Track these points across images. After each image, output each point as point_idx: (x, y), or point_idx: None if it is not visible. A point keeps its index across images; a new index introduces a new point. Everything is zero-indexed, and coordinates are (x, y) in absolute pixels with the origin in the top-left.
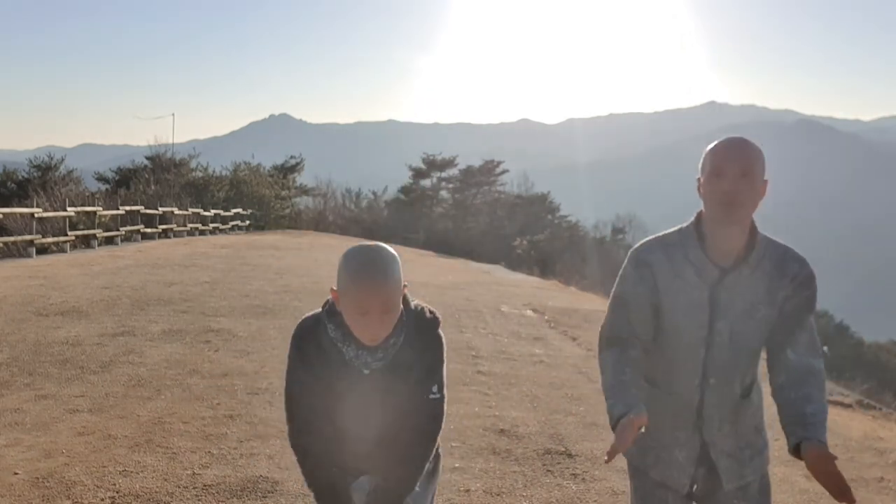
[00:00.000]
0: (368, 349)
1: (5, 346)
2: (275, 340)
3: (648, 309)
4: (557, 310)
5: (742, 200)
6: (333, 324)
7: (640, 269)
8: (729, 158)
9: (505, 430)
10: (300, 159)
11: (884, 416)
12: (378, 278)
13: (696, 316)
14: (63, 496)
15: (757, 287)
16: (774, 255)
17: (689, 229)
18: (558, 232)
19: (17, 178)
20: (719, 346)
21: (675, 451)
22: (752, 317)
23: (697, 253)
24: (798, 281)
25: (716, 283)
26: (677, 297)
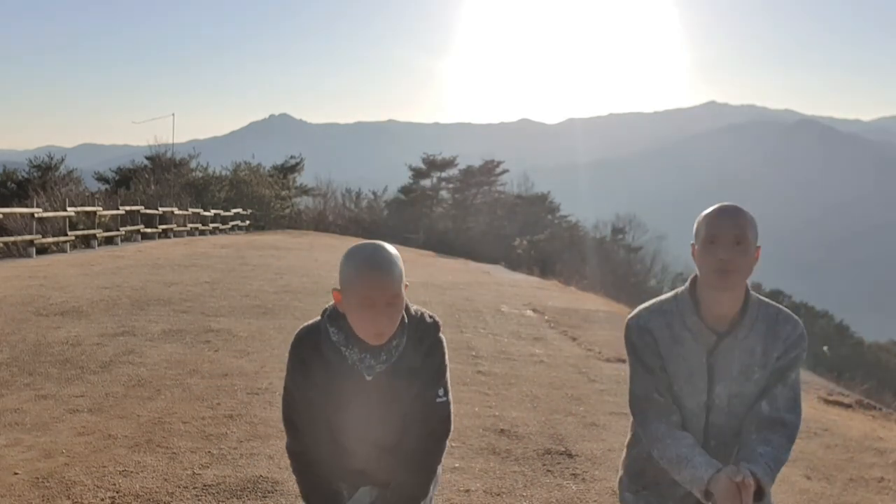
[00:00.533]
0: (372, 351)
1: (5, 346)
2: (275, 340)
3: (663, 372)
4: (557, 310)
5: (736, 268)
6: (336, 327)
7: (644, 337)
8: (723, 227)
9: (505, 430)
10: (300, 159)
11: (884, 416)
12: (383, 269)
13: (696, 382)
14: (63, 496)
15: (752, 349)
16: (767, 317)
17: (685, 295)
18: (558, 232)
19: (17, 178)
20: (718, 410)
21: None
22: (748, 379)
23: (694, 319)
24: (790, 342)
25: (713, 348)
26: (678, 363)
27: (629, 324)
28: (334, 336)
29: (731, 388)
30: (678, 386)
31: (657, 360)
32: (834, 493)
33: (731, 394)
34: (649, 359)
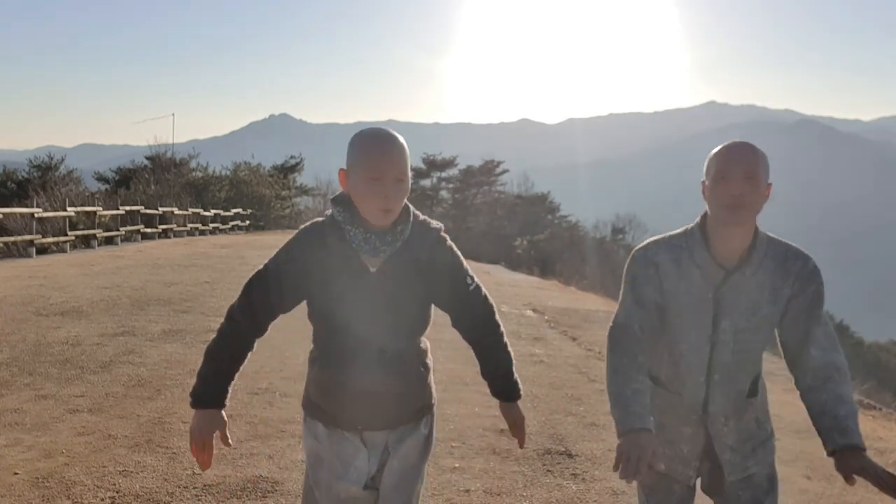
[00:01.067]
0: (377, 233)
1: (5, 346)
2: (275, 340)
3: (655, 309)
4: (557, 310)
5: (747, 203)
6: (342, 206)
7: (647, 269)
8: (734, 162)
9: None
10: (300, 159)
11: (884, 416)
12: (392, 143)
13: (702, 316)
14: (63, 496)
15: (761, 286)
16: (776, 254)
17: (695, 231)
18: (558, 232)
19: (17, 178)
20: (724, 345)
21: (681, 445)
22: (754, 314)
23: (703, 254)
24: (802, 277)
25: (720, 283)
26: (683, 298)
27: (635, 255)
28: (339, 216)
29: (737, 324)
30: (682, 319)
31: (654, 294)
32: (834, 493)
33: (738, 329)
34: (646, 292)
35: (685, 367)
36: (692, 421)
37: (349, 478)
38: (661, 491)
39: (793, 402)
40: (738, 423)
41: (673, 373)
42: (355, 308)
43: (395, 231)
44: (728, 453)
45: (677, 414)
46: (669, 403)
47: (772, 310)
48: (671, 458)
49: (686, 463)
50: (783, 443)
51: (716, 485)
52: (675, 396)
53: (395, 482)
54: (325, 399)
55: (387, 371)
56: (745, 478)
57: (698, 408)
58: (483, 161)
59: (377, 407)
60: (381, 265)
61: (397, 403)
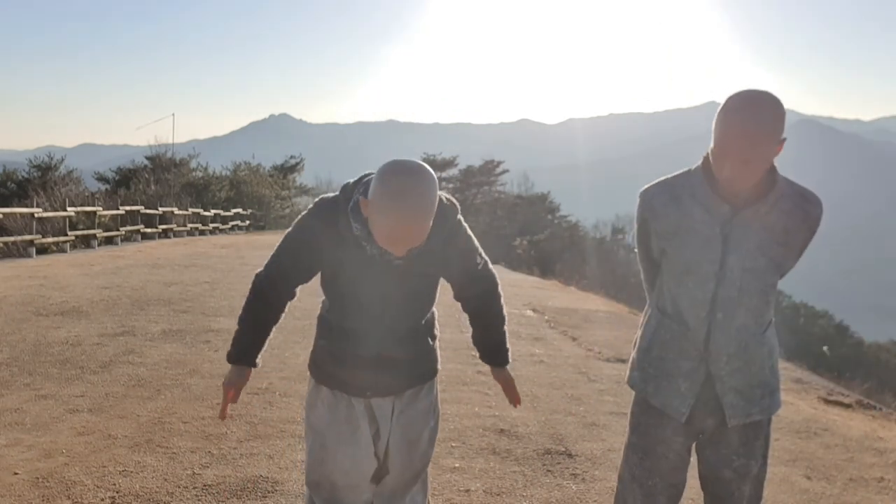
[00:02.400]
0: None
1: (5, 346)
2: (274, 340)
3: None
4: (557, 310)
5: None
6: (359, 223)
7: (644, 213)
8: (732, 142)
9: (505, 430)
10: (300, 159)
11: (884, 416)
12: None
13: (708, 252)
14: (63, 496)
15: (774, 225)
16: (795, 195)
17: (697, 172)
18: (558, 232)
19: (17, 178)
20: (730, 282)
21: (679, 379)
22: (764, 254)
23: (705, 190)
24: (815, 225)
25: (728, 219)
26: (687, 236)
27: (639, 197)
28: (357, 231)
29: (745, 262)
30: (688, 256)
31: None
32: (834, 493)
33: (745, 267)
34: (645, 238)
35: (688, 299)
36: (692, 356)
37: (356, 442)
38: (651, 425)
39: (793, 402)
40: (748, 365)
41: (677, 304)
42: (368, 292)
43: None
44: (731, 395)
45: (679, 346)
46: (672, 336)
47: (782, 252)
48: (668, 393)
49: (682, 399)
50: (783, 443)
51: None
52: (678, 328)
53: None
54: (335, 368)
55: (397, 346)
56: (744, 426)
57: (699, 344)
58: (483, 161)
59: (386, 375)
60: None
61: (405, 371)
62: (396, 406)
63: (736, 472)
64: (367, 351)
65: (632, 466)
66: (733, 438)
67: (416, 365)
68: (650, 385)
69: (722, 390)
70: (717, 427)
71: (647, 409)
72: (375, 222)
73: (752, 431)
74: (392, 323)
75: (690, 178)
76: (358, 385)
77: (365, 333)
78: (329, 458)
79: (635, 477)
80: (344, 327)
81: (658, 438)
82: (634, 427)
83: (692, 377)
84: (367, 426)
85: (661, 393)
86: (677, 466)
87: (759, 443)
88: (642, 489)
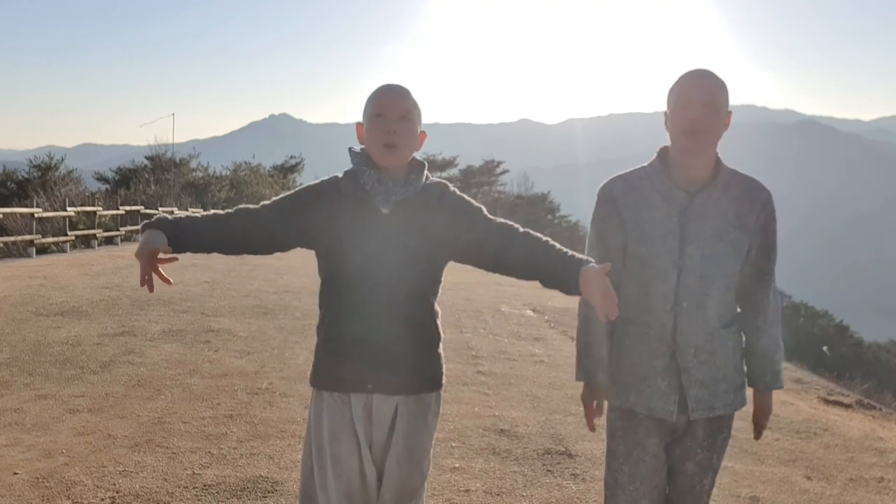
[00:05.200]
0: (391, 177)
1: (5, 346)
2: (275, 340)
3: (619, 243)
4: (557, 310)
5: (706, 128)
6: (358, 156)
7: (606, 206)
8: (693, 89)
9: (505, 430)
10: (300, 159)
11: (884, 416)
12: (396, 86)
13: (667, 242)
14: (63, 496)
15: (726, 211)
16: (741, 182)
17: (654, 162)
18: (558, 232)
19: (17, 178)
20: (690, 271)
21: (657, 380)
22: (722, 240)
23: (663, 180)
24: (767, 210)
25: (684, 207)
26: (647, 226)
27: (597, 193)
28: (355, 159)
29: (704, 249)
30: (647, 247)
31: (616, 232)
32: (834, 493)
33: (705, 255)
34: (608, 230)
35: (652, 294)
36: (663, 353)
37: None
38: (632, 461)
39: (793, 402)
40: (713, 358)
41: (641, 303)
42: (365, 250)
43: (409, 179)
44: (696, 388)
45: (649, 347)
46: (640, 339)
47: (740, 236)
48: (650, 396)
49: (665, 397)
50: (783, 443)
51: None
52: (645, 329)
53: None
54: (333, 361)
55: (398, 323)
56: (709, 419)
57: (667, 338)
58: (483, 161)
59: (387, 364)
60: (393, 208)
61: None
62: (401, 411)
63: (699, 465)
64: (364, 327)
65: (614, 472)
66: (698, 432)
67: (419, 361)
68: (631, 394)
69: (688, 382)
70: (687, 424)
71: (621, 415)
72: (364, 114)
73: (716, 425)
74: (391, 293)
75: (647, 170)
76: (358, 378)
77: (363, 306)
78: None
79: (619, 482)
80: (341, 305)
81: (633, 442)
82: (611, 433)
83: (669, 373)
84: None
85: (644, 398)
86: (656, 468)
87: (723, 436)
88: (625, 494)
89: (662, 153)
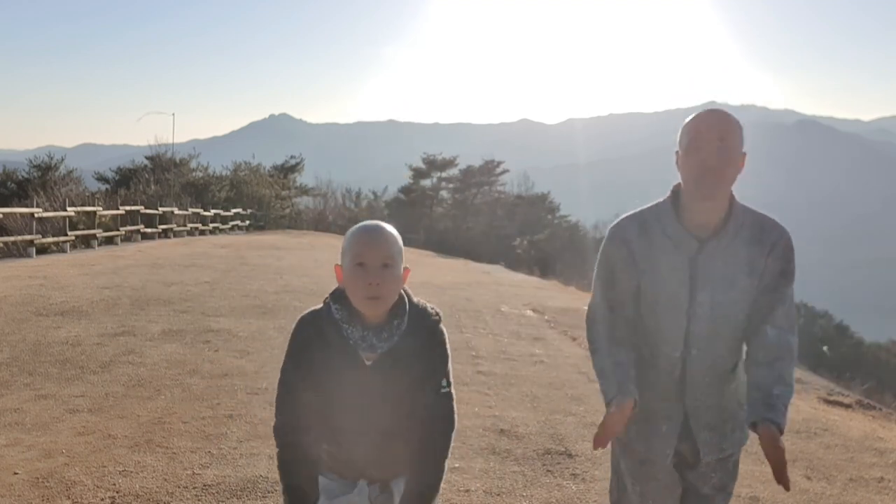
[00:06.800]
0: (374, 329)
1: (5, 346)
2: (275, 340)
3: (631, 285)
4: (557, 310)
5: (720, 171)
6: (339, 304)
7: (619, 247)
8: (707, 131)
9: (505, 430)
10: (300, 159)
11: (884, 416)
12: (377, 231)
13: (678, 288)
14: (63, 496)
15: (737, 256)
16: (753, 224)
17: (666, 203)
18: (558, 232)
19: (17, 178)
20: (701, 318)
21: (660, 422)
22: (732, 287)
23: (675, 226)
24: (777, 250)
25: (695, 254)
26: (658, 271)
27: (609, 232)
28: (337, 314)
29: (714, 296)
30: (658, 292)
31: (629, 276)
32: (834, 493)
33: (715, 302)
34: (619, 271)
35: (662, 340)
36: (670, 397)
37: None
38: (643, 475)
39: (793, 402)
40: (719, 400)
41: (651, 347)
42: (352, 401)
43: (392, 325)
44: (705, 432)
45: (655, 390)
46: (647, 380)
47: (749, 282)
48: (649, 436)
49: (665, 441)
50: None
51: (692, 465)
52: (653, 372)
53: None
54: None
55: (387, 449)
56: (720, 459)
57: (675, 383)
58: (483, 161)
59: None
60: (378, 359)
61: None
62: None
63: (713, 488)
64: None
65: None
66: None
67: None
68: (631, 430)
69: (696, 427)
70: (694, 463)
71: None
72: (344, 261)
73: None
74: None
75: (659, 211)
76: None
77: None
78: None
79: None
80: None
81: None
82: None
83: (672, 418)
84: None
85: (643, 437)
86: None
87: (733, 459)
88: None
89: (675, 192)
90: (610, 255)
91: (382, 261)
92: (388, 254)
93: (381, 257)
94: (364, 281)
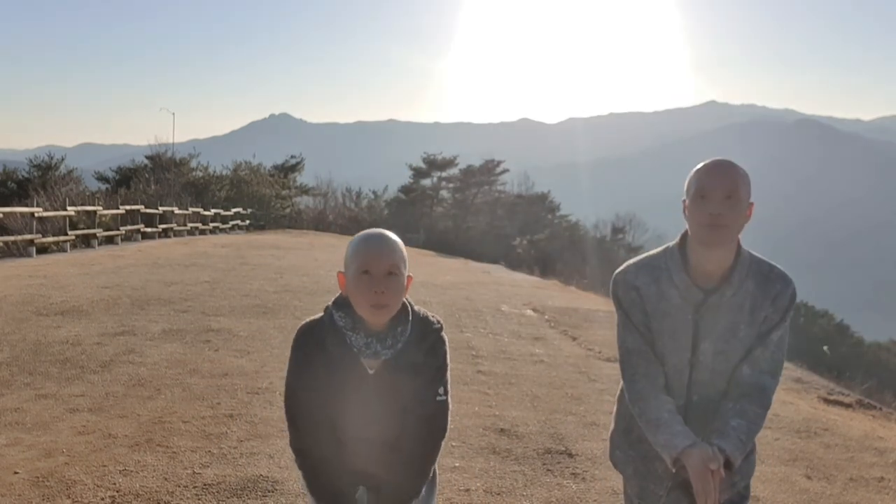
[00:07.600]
0: (377, 336)
1: (5, 345)
2: (275, 340)
3: (647, 332)
4: (557, 309)
5: (726, 223)
6: (342, 312)
7: (629, 293)
8: (714, 181)
9: (505, 429)
10: (300, 159)
11: (884, 415)
12: (381, 239)
13: (681, 338)
14: (63, 495)
15: (740, 307)
16: (758, 274)
17: (674, 251)
18: (558, 231)
19: (17, 178)
20: (703, 367)
21: (656, 463)
22: (734, 336)
23: (682, 276)
24: (779, 301)
25: (699, 305)
26: (663, 320)
27: (616, 278)
28: (340, 321)
29: (716, 346)
30: (662, 342)
31: (642, 317)
32: (834, 493)
33: (717, 351)
34: (635, 316)
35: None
36: None
37: None
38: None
39: (793, 402)
40: None
41: None
42: (354, 409)
43: (395, 333)
44: None
45: None
46: None
47: (749, 331)
48: (644, 475)
49: (658, 482)
50: (783, 443)
51: None
52: None
53: None
54: None
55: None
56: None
57: None
58: (483, 161)
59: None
60: (380, 367)
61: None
62: None
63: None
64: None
65: None
66: None
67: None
68: (629, 467)
69: None
70: None
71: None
72: (348, 269)
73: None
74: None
75: (668, 259)
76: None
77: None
78: None
79: None
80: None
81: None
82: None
83: None
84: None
85: (639, 476)
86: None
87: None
88: None
89: (683, 239)
90: (623, 300)
91: (388, 269)
92: (393, 262)
93: (387, 266)
94: (370, 289)
